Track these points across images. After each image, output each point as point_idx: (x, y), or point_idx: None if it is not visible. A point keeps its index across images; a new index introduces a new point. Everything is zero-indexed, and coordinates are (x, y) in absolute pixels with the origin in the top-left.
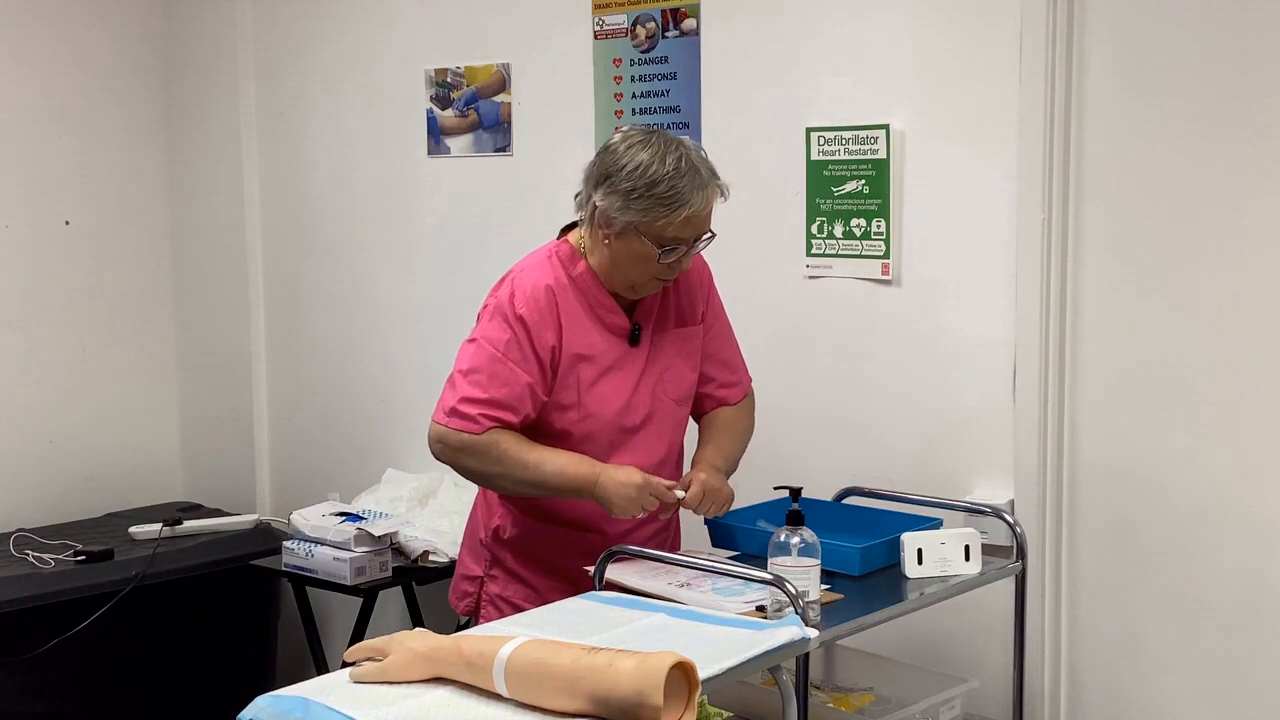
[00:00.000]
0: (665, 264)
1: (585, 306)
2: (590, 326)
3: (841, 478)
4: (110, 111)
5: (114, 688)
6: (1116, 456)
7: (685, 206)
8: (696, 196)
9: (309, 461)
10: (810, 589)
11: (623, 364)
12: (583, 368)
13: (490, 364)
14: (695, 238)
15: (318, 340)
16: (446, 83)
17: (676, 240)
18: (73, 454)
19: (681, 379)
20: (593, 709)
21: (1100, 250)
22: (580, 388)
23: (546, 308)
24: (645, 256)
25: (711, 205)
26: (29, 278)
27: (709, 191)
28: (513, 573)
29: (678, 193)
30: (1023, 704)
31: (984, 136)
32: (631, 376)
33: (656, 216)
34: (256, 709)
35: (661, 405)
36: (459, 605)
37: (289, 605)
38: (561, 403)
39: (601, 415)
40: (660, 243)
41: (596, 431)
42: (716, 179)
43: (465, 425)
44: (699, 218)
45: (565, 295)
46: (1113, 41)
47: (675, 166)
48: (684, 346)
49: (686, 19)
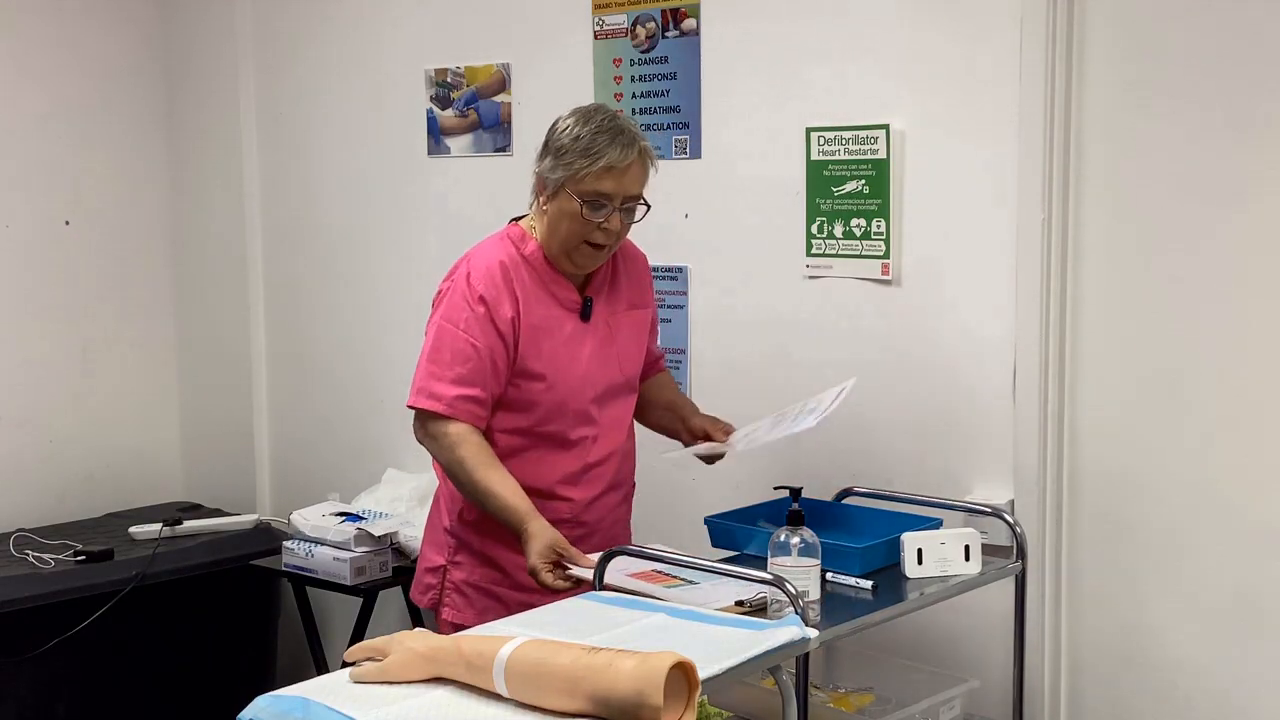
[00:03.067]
0: (594, 223)
1: (538, 281)
2: (545, 299)
3: (841, 478)
4: (110, 111)
5: (114, 688)
6: (1116, 457)
7: (603, 157)
8: (614, 150)
9: (309, 461)
10: (810, 589)
11: (578, 337)
12: (543, 339)
13: (453, 341)
14: (623, 199)
15: (318, 340)
16: (446, 83)
17: (598, 194)
18: (73, 454)
19: (632, 360)
20: (593, 709)
21: (1100, 250)
22: (543, 358)
23: (503, 283)
24: (573, 214)
25: (635, 166)
26: (29, 278)
27: (631, 150)
28: (479, 554)
29: (597, 145)
30: (1023, 704)
31: (984, 136)
32: (588, 349)
33: (579, 169)
34: (256, 709)
35: (619, 384)
36: (422, 599)
37: (289, 605)
38: (529, 372)
39: (567, 384)
40: (584, 196)
41: (566, 401)
42: (640, 141)
43: (433, 405)
44: (619, 171)
45: (518, 271)
46: (1113, 41)
47: (598, 125)
48: (636, 330)
49: (686, 19)
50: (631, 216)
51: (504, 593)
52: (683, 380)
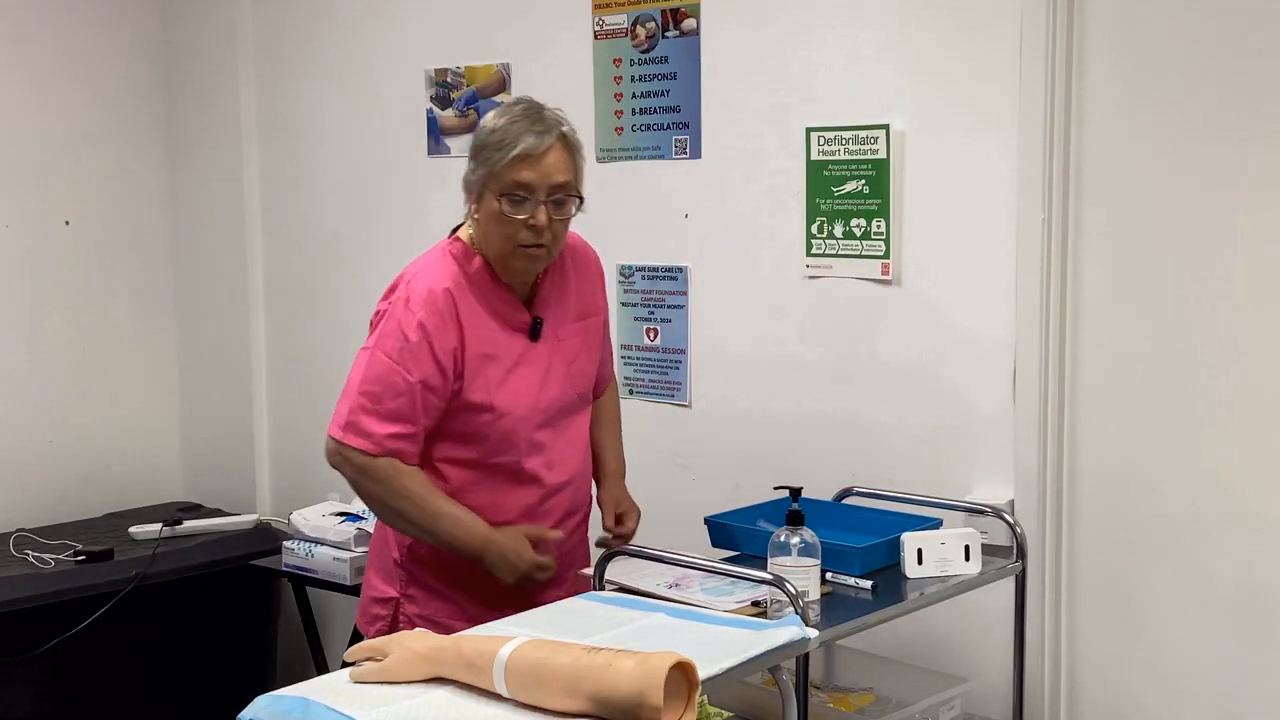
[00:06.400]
0: (519, 220)
1: (484, 304)
2: (491, 325)
3: (841, 478)
4: (110, 112)
5: (114, 688)
6: (1116, 456)
7: (517, 145)
8: (529, 136)
9: (309, 461)
10: (810, 589)
11: (527, 360)
12: (489, 367)
13: (388, 374)
14: (548, 190)
15: (318, 340)
16: (446, 83)
17: (516, 185)
18: (73, 454)
19: (587, 373)
20: (593, 709)
21: (1100, 250)
22: (490, 388)
23: (446, 310)
24: (499, 214)
25: (555, 152)
26: (29, 278)
27: (547, 135)
28: (432, 590)
29: (510, 134)
30: (1022, 704)
31: (984, 137)
32: (537, 372)
33: (495, 163)
34: (256, 709)
35: (570, 402)
36: (369, 629)
37: (289, 605)
38: (474, 404)
39: (515, 413)
40: (504, 191)
41: (514, 431)
42: (561, 127)
43: (362, 444)
44: (535, 158)
45: (463, 295)
46: (1113, 41)
47: (513, 115)
48: (588, 339)
49: (686, 19)
50: (562, 210)
51: (461, 627)
52: (682, 380)
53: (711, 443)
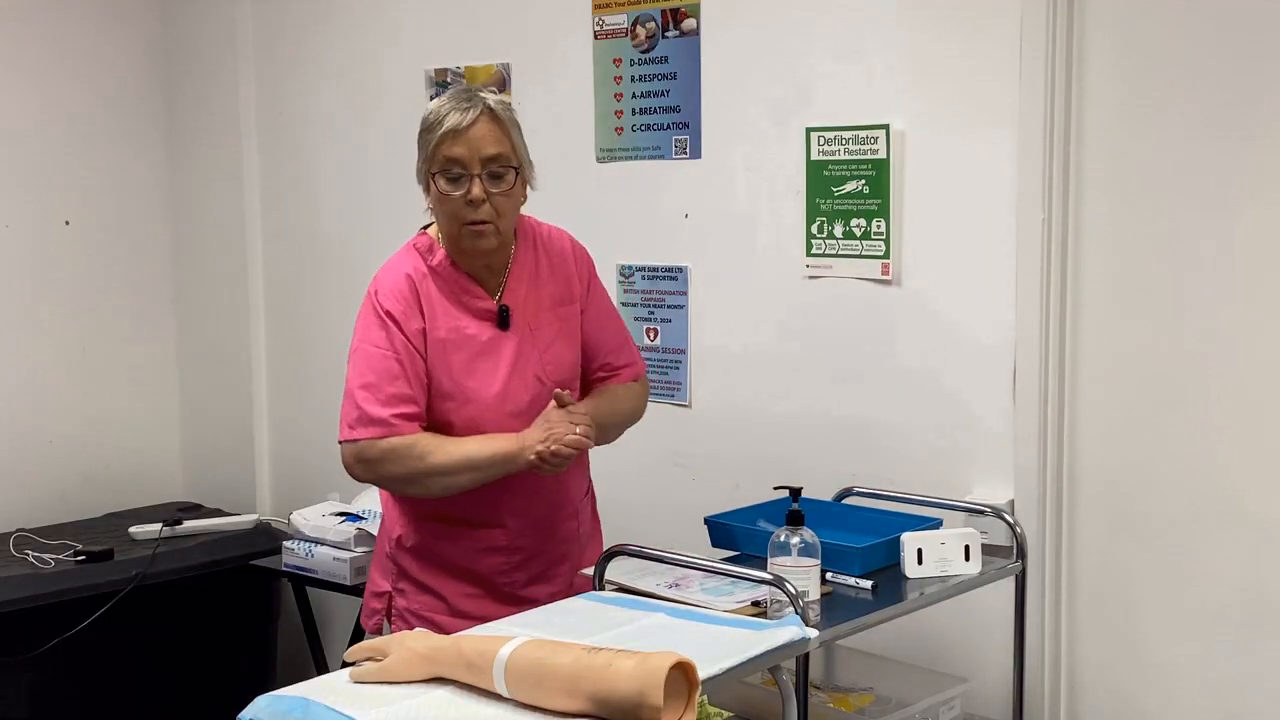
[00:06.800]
0: (458, 198)
1: (448, 293)
2: (456, 312)
3: (841, 478)
4: (110, 112)
5: (114, 688)
6: (1116, 456)
7: (443, 124)
8: (455, 113)
9: (309, 461)
10: (810, 589)
11: (495, 348)
12: (452, 354)
13: (380, 363)
14: (481, 164)
15: (318, 340)
16: (446, 83)
17: (449, 162)
18: (73, 454)
19: (563, 361)
20: (593, 709)
21: (1100, 250)
22: (453, 374)
23: (410, 295)
24: (440, 195)
25: (482, 124)
26: (29, 278)
27: (472, 108)
28: (419, 583)
29: (439, 114)
30: (1022, 704)
31: (984, 137)
32: (505, 360)
33: (428, 143)
34: (256, 709)
35: (544, 389)
36: (368, 624)
37: (289, 605)
38: (440, 390)
39: (481, 400)
40: (438, 169)
41: (479, 418)
42: (488, 100)
43: (377, 430)
44: (463, 132)
45: (425, 283)
46: (1113, 41)
47: (443, 99)
48: (563, 327)
49: (686, 19)
50: (501, 184)
51: (445, 620)
52: (682, 380)
53: (711, 443)
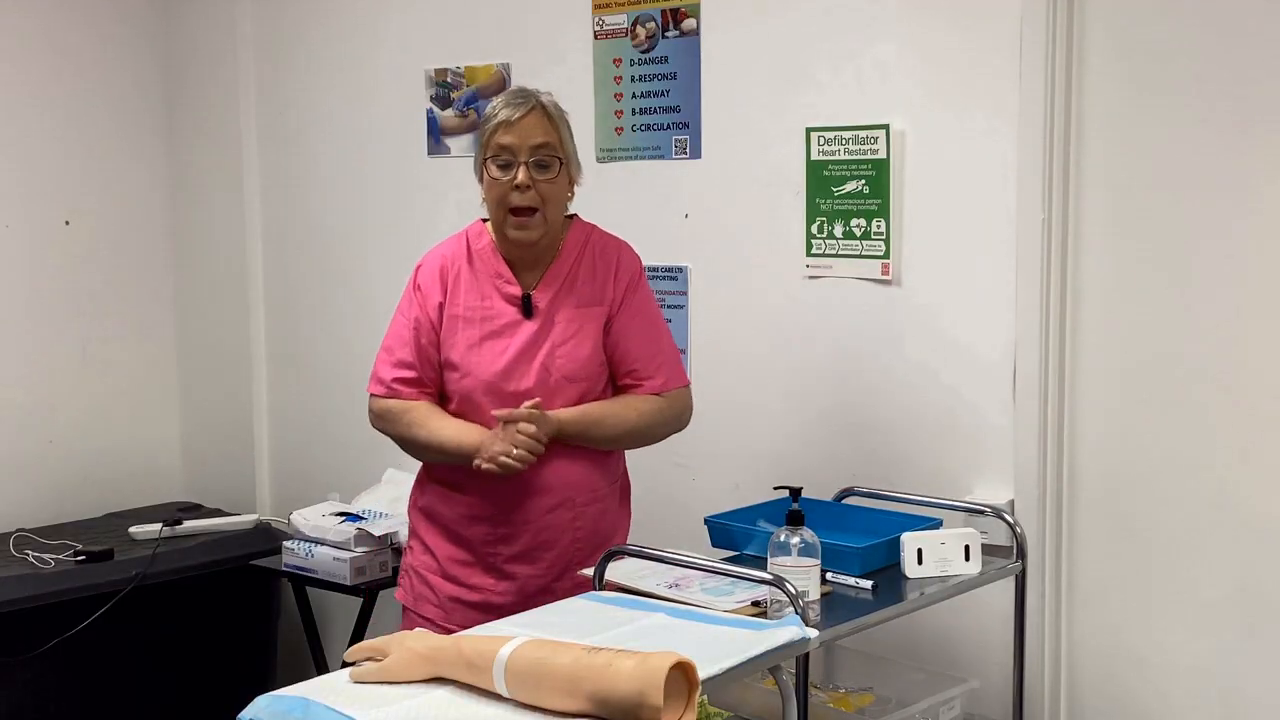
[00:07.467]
0: (506, 184)
1: (482, 273)
2: (482, 291)
3: (841, 478)
4: (110, 111)
5: (114, 688)
6: (1116, 456)
7: (498, 115)
8: (508, 108)
9: (309, 461)
10: (810, 589)
11: (511, 331)
12: (465, 329)
13: (401, 329)
14: (529, 152)
15: (318, 340)
16: (446, 83)
17: (499, 149)
18: (73, 454)
19: (575, 356)
20: (593, 709)
21: (1100, 250)
22: (460, 348)
23: (439, 273)
24: (490, 181)
25: (532, 117)
26: (29, 277)
27: (524, 104)
28: (422, 542)
29: (495, 108)
30: (1023, 704)
31: (984, 137)
32: (516, 344)
33: (484, 136)
34: (256, 709)
35: (551, 379)
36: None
37: (289, 605)
38: (448, 361)
39: (478, 375)
40: (490, 156)
41: (472, 391)
42: (540, 97)
43: (375, 388)
44: (513, 124)
45: (460, 263)
46: (1113, 42)
47: (500, 96)
48: (585, 325)
49: (686, 19)
50: (547, 172)
51: (435, 580)
52: None
53: (711, 443)
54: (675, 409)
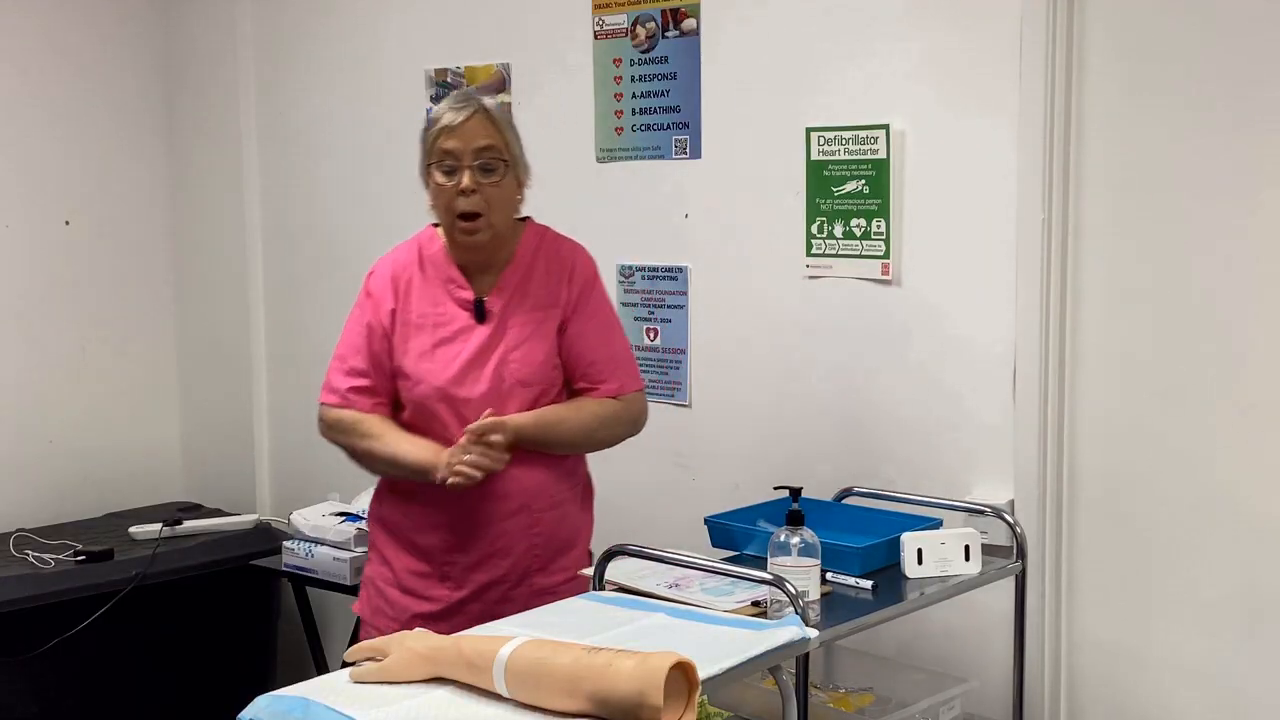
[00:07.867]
0: (452, 189)
1: (434, 279)
2: (434, 298)
3: (841, 478)
4: (110, 111)
5: (114, 688)
6: (1116, 456)
7: (440, 120)
8: (450, 112)
9: (309, 461)
10: (810, 589)
11: (464, 336)
12: (416, 335)
13: (353, 336)
14: (473, 155)
15: (318, 340)
16: (446, 83)
17: (444, 154)
18: (73, 454)
19: (529, 361)
20: (593, 709)
21: (1100, 250)
22: (412, 355)
23: (391, 279)
24: (437, 187)
25: (475, 120)
26: (29, 277)
27: (466, 107)
28: (380, 553)
29: (437, 114)
30: (1023, 704)
31: (984, 136)
32: (468, 350)
33: (428, 142)
34: (256, 709)
35: (505, 384)
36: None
37: (289, 605)
38: (400, 369)
39: (430, 382)
40: (434, 162)
41: (425, 399)
42: (482, 101)
43: (328, 398)
44: (456, 128)
45: (412, 270)
46: (1113, 41)
47: (443, 103)
48: (538, 329)
49: (686, 19)
50: (492, 176)
51: (390, 592)
52: (682, 380)
53: (711, 443)
54: (631, 413)
